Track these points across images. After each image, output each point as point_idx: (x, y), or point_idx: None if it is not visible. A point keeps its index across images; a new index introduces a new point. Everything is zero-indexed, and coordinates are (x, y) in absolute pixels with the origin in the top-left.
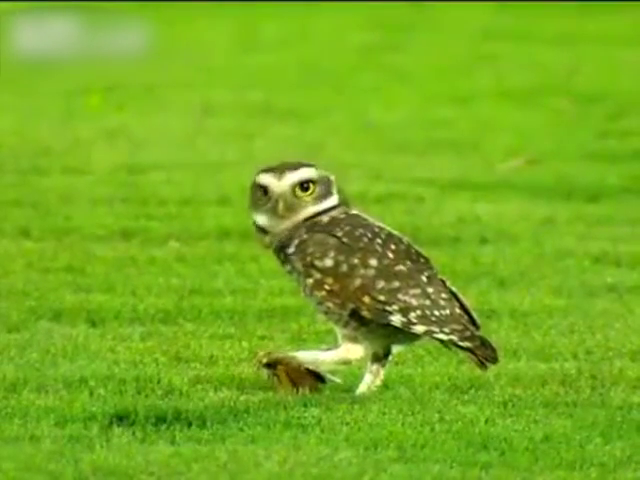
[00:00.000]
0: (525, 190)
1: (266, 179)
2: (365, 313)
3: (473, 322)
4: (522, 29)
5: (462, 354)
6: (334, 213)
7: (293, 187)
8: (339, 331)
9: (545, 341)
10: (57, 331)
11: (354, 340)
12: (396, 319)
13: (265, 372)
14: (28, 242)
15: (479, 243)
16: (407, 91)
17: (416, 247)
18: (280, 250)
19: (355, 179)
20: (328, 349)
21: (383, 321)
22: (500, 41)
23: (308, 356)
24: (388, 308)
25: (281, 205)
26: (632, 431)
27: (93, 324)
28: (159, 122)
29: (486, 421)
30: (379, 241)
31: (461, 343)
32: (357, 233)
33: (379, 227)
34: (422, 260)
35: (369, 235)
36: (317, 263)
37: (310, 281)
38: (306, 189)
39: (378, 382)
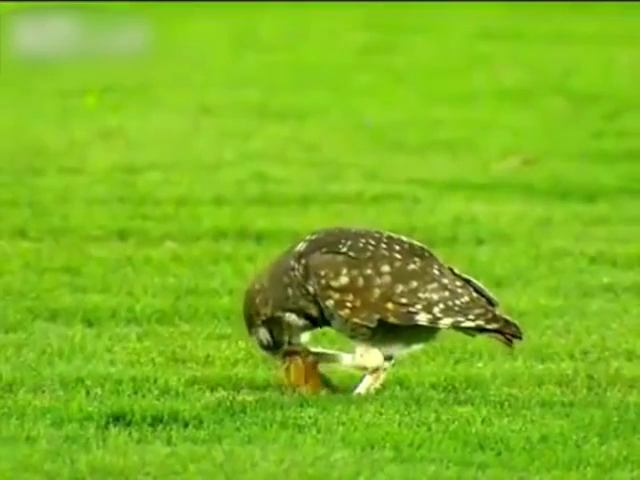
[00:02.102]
0: (521, 190)
1: None
2: (392, 320)
3: (489, 302)
4: (518, 29)
5: (487, 336)
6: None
7: None
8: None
9: (541, 341)
10: (54, 331)
11: (370, 347)
12: (422, 317)
13: (281, 362)
14: (25, 242)
15: (475, 243)
16: (403, 91)
17: (416, 242)
18: None
19: (351, 179)
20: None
21: (409, 323)
22: (496, 41)
23: (327, 353)
24: (412, 309)
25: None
26: (628, 431)
27: (89, 324)
28: (155, 122)
29: (482, 421)
30: (383, 246)
31: (488, 326)
32: (360, 244)
33: (378, 232)
34: (427, 254)
35: (372, 242)
36: (333, 283)
37: (331, 302)
38: None
39: (377, 385)
